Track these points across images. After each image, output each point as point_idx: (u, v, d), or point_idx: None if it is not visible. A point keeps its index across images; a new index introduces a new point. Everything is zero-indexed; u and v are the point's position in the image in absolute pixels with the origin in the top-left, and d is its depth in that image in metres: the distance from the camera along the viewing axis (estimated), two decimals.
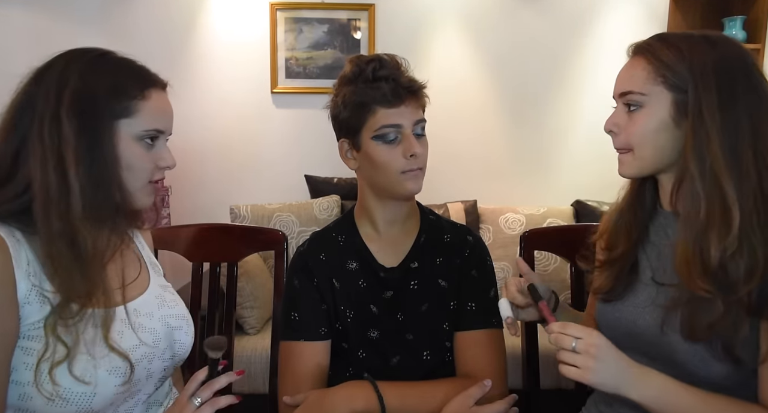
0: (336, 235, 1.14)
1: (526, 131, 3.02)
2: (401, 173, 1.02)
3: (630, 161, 0.90)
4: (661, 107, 0.85)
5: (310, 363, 1.06)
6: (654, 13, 2.92)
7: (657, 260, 0.95)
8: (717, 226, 0.80)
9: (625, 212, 0.99)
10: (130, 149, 0.87)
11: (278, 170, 2.98)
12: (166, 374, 0.97)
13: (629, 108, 0.88)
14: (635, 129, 0.87)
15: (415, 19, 2.91)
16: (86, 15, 2.80)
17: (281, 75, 2.89)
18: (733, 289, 0.79)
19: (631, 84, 0.87)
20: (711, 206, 0.80)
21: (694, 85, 0.82)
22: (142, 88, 0.88)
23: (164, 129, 0.92)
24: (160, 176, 0.94)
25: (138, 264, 1.00)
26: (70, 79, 0.84)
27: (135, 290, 0.95)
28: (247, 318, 2.27)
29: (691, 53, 0.83)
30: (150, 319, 0.93)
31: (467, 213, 2.75)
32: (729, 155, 0.80)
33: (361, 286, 1.09)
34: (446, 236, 1.14)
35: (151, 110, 0.89)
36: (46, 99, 0.83)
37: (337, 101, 1.04)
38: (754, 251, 0.79)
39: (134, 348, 0.88)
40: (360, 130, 1.02)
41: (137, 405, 0.92)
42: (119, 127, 0.86)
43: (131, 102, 0.87)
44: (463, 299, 1.09)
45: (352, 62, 1.04)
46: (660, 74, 0.84)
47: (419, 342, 1.08)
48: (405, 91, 1.00)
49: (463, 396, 0.97)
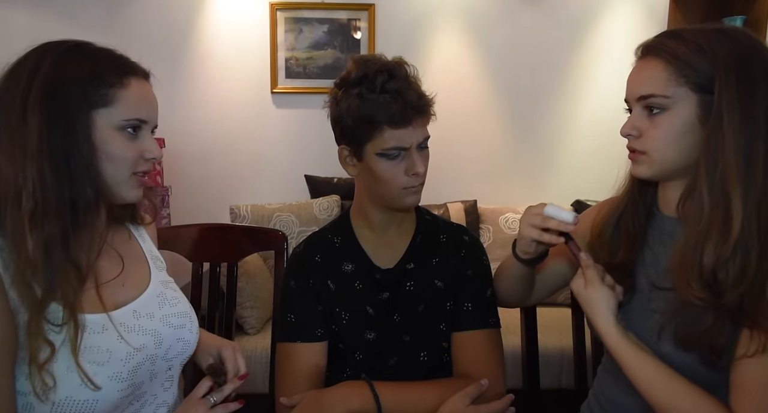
0: (332, 236, 1.14)
1: (526, 131, 3.02)
2: (402, 189, 1.01)
3: (648, 163, 0.87)
4: (686, 109, 0.81)
5: (306, 365, 1.06)
6: (654, 13, 2.92)
7: (653, 264, 0.94)
8: (715, 235, 0.79)
9: (625, 217, 0.97)
10: (110, 139, 0.84)
11: (278, 170, 2.98)
12: (173, 373, 0.96)
13: (651, 111, 0.84)
14: (659, 133, 0.84)
15: (415, 19, 2.91)
16: (87, 15, 2.81)
17: (281, 75, 2.90)
18: (720, 295, 0.79)
19: (652, 87, 0.83)
20: (714, 215, 0.79)
21: (719, 82, 0.78)
22: (121, 76, 0.85)
23: (147, 119, 0.88)
24: (145, 168, 0.89)
25: (138, 261, 0.98)
26: (41, 68, 0.80)
27: (135, 289, 0.93)
28: (247, 318, 2.27)
29: (711, 48, 0.79)
30: (150, 320, 0.91)
31: (467, 213, 2.75)
32: (742, 160, 0.77)
33: (357, 287, 1.09)
34: (442, 237, 1.14)
35: (131, 99, 0.85)
36: (16, 89, 0.79)
37: (341, 107, 1.00)
38: (748, 258, 0.78)
39: (135, 353, 0.86)
40: (364, 143, 0.99)
41: (144, 407, 0.91)
42: (96, 117, 0.83)
43: (109, 90, 0.83)
44: (459, 299, 1.09)
45: (357, 64, 1.00)
46: (683, 75, 0.80)
47: (416, 343, 1.08)
48: (413, 112, 0.97)
49: (460, 396, 0.97)
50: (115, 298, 0.88)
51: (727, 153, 0.78)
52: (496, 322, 1.10)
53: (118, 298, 0.89)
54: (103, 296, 0.86)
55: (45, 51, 0.83)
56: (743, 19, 2.66)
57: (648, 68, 0.84)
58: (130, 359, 0.84)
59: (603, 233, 1.00)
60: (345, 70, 1.02)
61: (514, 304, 1.18)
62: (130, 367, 0.84)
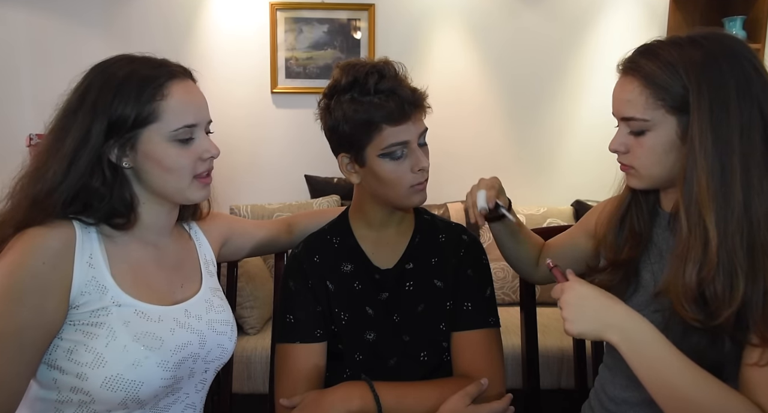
0: (330, 237, 1.13)
1: (526, 131, 3.02)
2: (410, 187, 1.01)
3: (638, 177, 0.89)
4: (666, 130, 0.84)
5: (306, 365, 1.06)
6: (654, 13, 2.91)
7: (658, 261, 0.94)
8: (694, 258, 0.80)
9: (629, 216, 0.98)
10: (164, 151, 0.88)
11: (278, 170, 2.98)
12: (207, 377, 1.00)
13: (632, 132, 0.87)
14: (643, 151, 0.86)
15: (415, 19, 2.91)
16: (86, 15, 2.81)
17: (281, 75, 2.90)
18: (714, 316, 0.79)
19: (632, 110, 0.85)
20: (692, 239, 0.80)
21: (692, 105, 0.80)
22: (159, 87, 0.88)
23: (195, 122, 0.91)
24: (204, 168, 0.93)
25: (193, 265, 1.04)
26: (87, 95, 0.87)
27: (189, 291, 1.00)
28: (247, 318, 2.27)
29: (684, 65, 0.81)
30: (198, 321, 0.97)
31: (467, 213, 2.75)
32: (715, 182, 0.79)
33: (356, 288, 1.09)
34: (441, 236, 1.14)
35: (174, 108, 0.88)
36: (70, 109, 0.88)
37: (335, 115, 0.99)
38: (733, 278, 0.78)
39: (183, 346, 0.91)
40: (364, 147, 0.99)
41: (176, 403, 0.96)
42: (145, 134, 0.87)
43: (152, 105, 0.87)
44: (459, 299, 1.09)
45: (344, 70, 0.99)
46: (659, 98, 0.83)
47: (416, 343, 1.08)
48: (410, 107, 0.97)
49: (460, 395, 0.97)
50: (173, 296, 0.96)
51: (699, 177, 0.79)
52: (495, 322, 1.10)
53: (175, 296, 0.97)
54: (164, 293, 0.95)
55: (91, 72, 0.91)
56: (743, 19, 2.66)
57: (627, 90, 0.86)
58: (177, 351, 0.90)
59: (608, 233, 1.00)
60: (332, 79, 1.01)
61: (527, 270, 1.22)
62: (176, 359, 0.90)
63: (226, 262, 1.44)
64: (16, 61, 2.79)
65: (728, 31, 2.67)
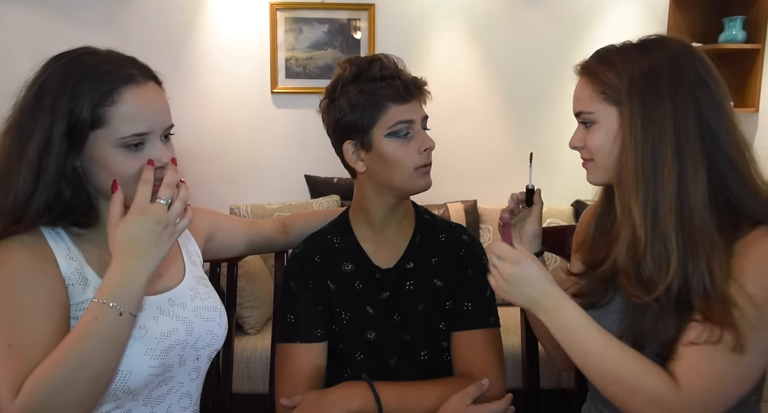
0: (331, 237, 1.14)
1: (526, 130, 3.02)
2: (414, 169, 1.03)
3: (594, 170, 0.95)
4: (609, 121, 0.90)
5: (306, 365, 1.06)
6: (654, 13, 2.92)
7: None
8: (624, 238, 0.86)
9: (602, 217, 1.01)
10: (110, 156, 0.85)
11: (278, 170, 2.98)
12: (200, 365, 1.00)
13: (585, 125, 0.94)
14: (594, 142, 0.92)
15: (415, 19, 2.91)
16: (86, 15, 2.81)
17: (281, 75, 2.90)
18: (650, 290, 0.84)
19: (580, 104, 0.93)
20: (622, 220, 0.87)
21: (624, 94, 0.86)
22: (109, 92, 0.84)
23: (147, 130, 0.86)
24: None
25: (174, 256, 1.03)
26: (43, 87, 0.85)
27: (171, 281, 0.99)
28: (247, 318, 2.27)
29: (623, 64, 0.88)
30: (183, 309, 0.97)
31: (467, 213, 2.75)
32: (643, 167, 0.84)
33: (357, 287, 1.09)
34: (441, 236, 1.14)
35: (124, 115, 0.84)
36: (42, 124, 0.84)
37: (340, 105, 1.02)
38: (664, 255, 0.83)
39: (168, 334, 0.91)
40: (371, 128, 1.02)
41: (170, 393, 0.96)
42: (95, 137, 0.84)
43: (101, 110, 0.83)
44: (459, 298, 1.09)
45: (347, 64, 1.04)
46: (601, 91, 0.90)
47: (416, 343, 1.08)
48: (414, 88, 1.03)
49: (461, 395, 0.97)
50: (153, 287, 0.95)
51: (628, 161, 0.86)
52: (495, 321, 1.10)
53: (156, 287, 0.96)
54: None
55: (50, 64, 0.88)
56: (743, 19, 2.66)
57: (578, 89, 0.95)
58: (163, 339, 0.90)
59: (586, 237, 1.04)
60: (335, 75, 1.06)
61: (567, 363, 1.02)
62: (162, 347, 0.90)
63: (225, 262, 1.44)
64: (15, 61, 2.78)
65: (728, 31, 2.68)
